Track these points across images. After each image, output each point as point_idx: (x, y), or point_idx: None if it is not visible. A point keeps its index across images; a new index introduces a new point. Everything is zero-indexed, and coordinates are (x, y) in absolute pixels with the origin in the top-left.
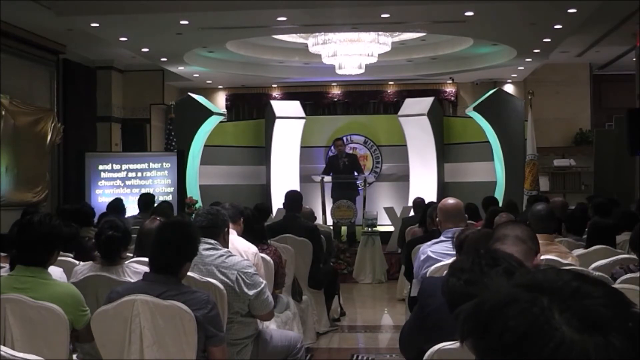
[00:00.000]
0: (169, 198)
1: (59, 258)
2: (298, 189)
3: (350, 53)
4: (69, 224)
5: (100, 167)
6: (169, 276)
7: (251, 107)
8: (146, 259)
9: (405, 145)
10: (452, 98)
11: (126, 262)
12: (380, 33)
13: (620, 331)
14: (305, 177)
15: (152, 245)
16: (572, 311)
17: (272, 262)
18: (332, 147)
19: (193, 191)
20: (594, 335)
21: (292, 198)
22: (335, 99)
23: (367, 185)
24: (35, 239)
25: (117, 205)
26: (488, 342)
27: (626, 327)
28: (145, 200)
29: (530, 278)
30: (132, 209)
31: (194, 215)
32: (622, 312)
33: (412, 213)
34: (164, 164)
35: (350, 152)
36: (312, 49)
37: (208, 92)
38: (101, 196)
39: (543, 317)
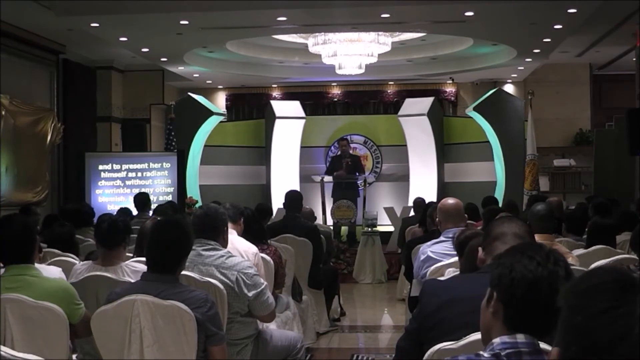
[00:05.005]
0: (169, 198)
1: (59, 258)
2: (298, 189)
3: (350, 53)
4: (63, 223)
5: (100, 167)
6: (167, 275)
7: (251, 107)
8: (145, 259)
9: (405, 145)
10: (452, 98)
11: (125, 262)
12: (380, 33)
13: None
14: (305, 177)
15: (148, 245)
16: None
17: (272, 262)
18: (333, 147)
19: (193, 191)
20: None
21: (292, 198)
22: (335, 99)
23: (367, 185)
24: (12, 237)
25: (142, 200)
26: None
27: None
28: (141, 200)
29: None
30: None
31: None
32: None
33: (412, 213)
34: (164, 164)
35: (352, 152)
36: (312, 49)
37: (208, 92)
38: (101, 196)
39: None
